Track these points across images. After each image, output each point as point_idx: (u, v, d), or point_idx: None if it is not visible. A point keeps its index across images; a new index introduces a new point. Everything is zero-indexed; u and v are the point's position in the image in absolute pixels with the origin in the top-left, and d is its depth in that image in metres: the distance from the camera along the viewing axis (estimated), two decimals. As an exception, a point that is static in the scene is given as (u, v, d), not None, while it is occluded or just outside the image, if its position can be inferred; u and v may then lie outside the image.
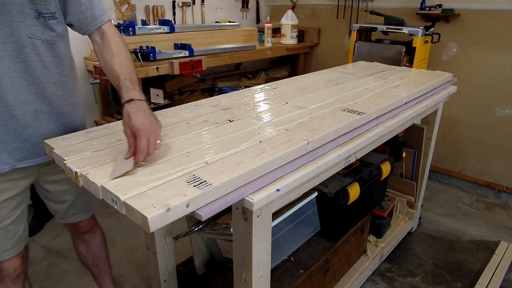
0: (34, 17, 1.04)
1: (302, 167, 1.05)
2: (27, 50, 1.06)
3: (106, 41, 1.13)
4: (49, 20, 1.07)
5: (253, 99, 1.51)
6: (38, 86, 1.11)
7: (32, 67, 1.09)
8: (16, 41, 1.03)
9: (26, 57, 1.07)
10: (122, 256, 2.18)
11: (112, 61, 1.10)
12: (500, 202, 2.82)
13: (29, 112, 1.11)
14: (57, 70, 1.16)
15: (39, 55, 1.09)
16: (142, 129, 0.92)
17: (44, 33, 1.08)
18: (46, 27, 1.08)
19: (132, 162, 0.91)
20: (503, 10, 2.54)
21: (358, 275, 1.82)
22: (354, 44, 2.88)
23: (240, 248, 1.03)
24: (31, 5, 1.02)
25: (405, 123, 1.65)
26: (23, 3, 1.01)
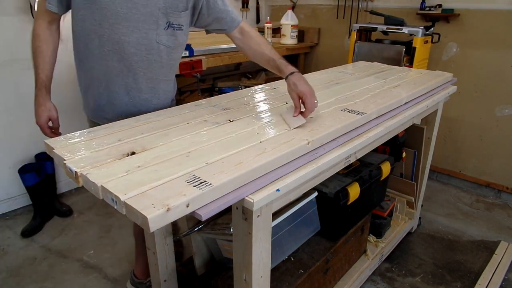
0: (164, 28, 1.30)
1: (302, 167, 1.05)
2: (153, 51, 1.32)
3: (248, 35, 1.43)
4: (176, 30, 1.33)
5: (253, 99, 1.51)
6: (153, 81, 1.39)
7: (153, 65, 1.35)
8: (147, 44, 1.30)
9: (151, 57, 1.33)
10: (122, 256, 2.18)
11: (261, 48, 1.38)
12: (500, 202, 2.82)
13: (141, 98, 1.40)
14: (169, 71, 1.44)
15: (161, 57, 1.35)
16: (307, 93, 1.19)
17: (168, 41, 1.33)
18: (172, 36, 1.33)
19: (302, 118, 1.18)
20: (503, 10, 2.54)
21: (358, 275, 1.82)
22: (354, 44, 2.88)
23: (240, 248, 1.03)
24: (165, 18, 1.29)
25: (405, 123, 1.65)
26: (159, 16, 1.27)
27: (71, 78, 2.75)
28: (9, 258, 2.16)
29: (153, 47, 1.31)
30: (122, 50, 1.28)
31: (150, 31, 1.28)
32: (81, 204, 2.73)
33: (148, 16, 1.25)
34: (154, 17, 1.26)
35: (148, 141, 1.08)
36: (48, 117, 1.41)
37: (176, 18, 1.31)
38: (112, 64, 1.30)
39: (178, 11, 1.30)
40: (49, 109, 1.41)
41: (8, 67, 2.40)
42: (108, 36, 1.26)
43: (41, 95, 1.37)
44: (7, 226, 2.48)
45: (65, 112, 2.77)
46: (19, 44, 2.41)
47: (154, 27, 1.28)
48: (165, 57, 1.36)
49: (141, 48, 1.29)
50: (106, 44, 1.27)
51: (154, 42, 1.30)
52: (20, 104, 2.50)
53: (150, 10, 1.25)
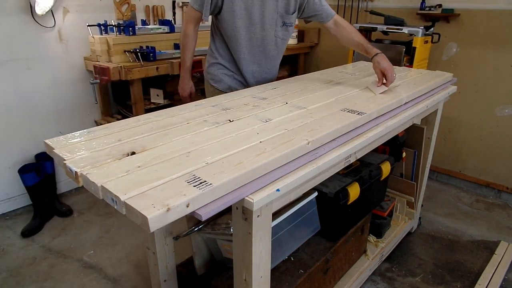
0: (280, 26, 1.82)
1: (302, 167, 1.05)
2: (272, 43, 1.86)
3: (341, 25, 1.85)
4: (288, 27, 1.85)
5: (253, 99, 1.51)
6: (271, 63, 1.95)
7: (271, 54, 1.90)
8: (269, 38, 1.83)
9: (270, 47, 1.87)
10: (122, 256, 2.18)
11: (352, 35, 1.83)
12: (500, 202, 2.82)
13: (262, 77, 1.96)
14: (280, 56, 1.98)
15: (277, 47, 1.89)
16: (388, 69, 1.61)
17: (284, 35, 1.87)
18: (285, 31, 1.86)
19: (384, 87, 1.62)
20: (503, 10, 2.54)
21: (358, 275, 1.82)
22: (354, 44, 2.87)
23: (240, 248, 1.03)
24: (281, 19, 1.80)
25: (405, 123, 1.65)
26: (277, 19, 1.79)
27: (71, 78, 2.75)
28: (9, 258, 2.16)
29: (272, 40, 1.85)
30: (251, 44, 1.82)
31: (271, 29, 1.81)
32: (81, 204, 2.73)
33: (270, 19, 1.78)
34: (274, 20, 1.79)
35: (148, 141, 1.08)
36: (190, 91, 2.07)
37: (289, 18, 1.82)
38: (243, 57, 1.85)
39: (289, 14, 1.81)
40: (191, 86, 2.07)
41: (8, 67, 2.40)
42: (243, 36, 1.79)
43: (186, 76, 2.02)
44: (7, 226, 2.48)
45: (65, 112, 2.78)
46: (19, 44, 2.41)
47: (273, 26, 1.81)
48: (280, 46, 1.91)
49: (264, 42, 1.84)
50: (241, 42, 1.80)
51: (273, 36, 1.84)
52: (20, 104, 2.50)
53: (272, 15, 1.77)
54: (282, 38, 1.86)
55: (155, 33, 2.74)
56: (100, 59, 2.55)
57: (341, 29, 1.84)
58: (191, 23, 1.84)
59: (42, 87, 2.58)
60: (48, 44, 2.54)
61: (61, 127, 2.71)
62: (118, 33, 2.59)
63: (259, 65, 1.90)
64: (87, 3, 2.68)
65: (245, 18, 1.74)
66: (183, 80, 2.03)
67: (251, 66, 1.88)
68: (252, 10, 1.72)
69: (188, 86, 2.05)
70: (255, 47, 1.83)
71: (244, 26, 1.76)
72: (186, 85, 2.05)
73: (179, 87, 2.06)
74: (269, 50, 1.87)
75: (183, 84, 2.04)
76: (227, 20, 1.74)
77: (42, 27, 2.48)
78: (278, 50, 1.91)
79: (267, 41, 1.83)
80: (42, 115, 2.62)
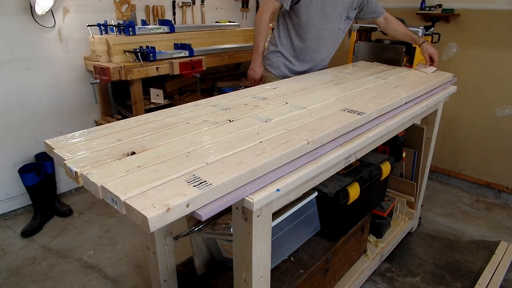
0: (344, 19, 2.08)
1: (302, 167, 1.05)
2: (335, 34, 2.12)
3: (390, 20, 2.20)
4: (350, 20, 2.12)
5: (253, 99, 1.51)
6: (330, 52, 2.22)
7: (334, 43, 2.17)
8: (334, 30, 2.09)
9: (334, 38, 2.14)
10: (122, 256, 2.18)
11: (401, 28, 2.19)
12: (500, 202, 2.82)
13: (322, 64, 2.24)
14: (337, 46, 2.22)
15: (338, 38, 2.16)
16: (435, 53, 2.07)
17: (344, 28, 2.14)
18: (347, 24, 2.14)
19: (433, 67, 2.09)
20: (503, 10, 2.54)
21: (358, 275, 1.82)
22: (354, 44, 2.88)
23: (240, 248, 1.03)
24: (345, 13, 2.06)
25: (405, 123, 1.65)
26: (342, 13, 2.05)
27: (71, 78, 2.75)
28: (9, 258, 2.16)
29: (336, 32, 2.10)
30: (320, 34, 2.06)
31: (337, 21, 2.06)
32: (81, 204, 2.73)
33: (338, 12, 2.04)
34: (340, 13, 2.04)
35: (148, 141, 1.08)
36: (261, 73, 2.17)
37: (351, 13, 2.09)
38: (310, 44, 2.09)
39: (352, 9, 2.08)
40: (262, 69, 2.17)
41: (8, 67, 2.40)
42: (315, 26, 2.03)
43: (259, 59, 2.13)
44: (7, 226, 2.48)
45: (65, 112, 2.78)
46: (19, 44, 2.41)
47: (338, 19, 2.06)
48: (340, 37, 2.17)
49: (330, 33, 2.08)
50: (312, 31, 2.04)
51: (337, 28, 2.09)
52: (20, 104, 2.50)
53: (340, 9, 2.04)
54: (343, 30, 2.14)
55: (155, 33, 2.74)
56: (100, 59, 2.55)
57: (392, 23, 2.19)
58: (268, 12, 2.03)
59: (42, 87, 2.58)
60: (48, 44, 2.54)
61: (61, 127, 2.71)
62: (118, 33, 2.59)
63: (321, 53, 2.14)
64: (87, 3, 2.68)
65: (319, 10, 1.99)
66: (255, 63, 2.13)
67: (314, 54, 2.13)
68: (326, 3, 1.99)
69: (260, 69, 2.16)
70: (322, 37, 2.07)
71: (317, 17, 2.00)
72: (259, 68, 2.15)
73: (250, 71, 2.16)
74: (332, 40, 2.13)
75: (256, 67, 2.14)
76: (303, 9, 1.99)
77: (42, 27, 2.48)
78: (337, 41, 2.18)
79: (332, 32, 2.09)
80: (42, 115, 2.62)
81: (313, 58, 2.15)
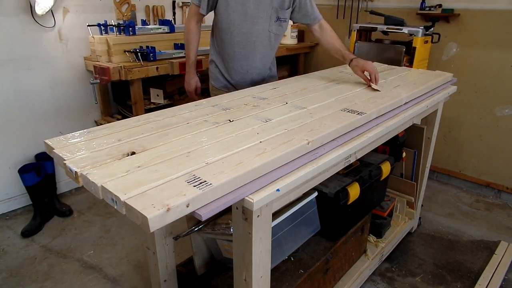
0: (274, 21, 1.85)
1: (302, 167, 1.05)
2: (266, 38, 1.88)
3: (325, 30, 1.96)
4: (282, 22, 1.88)
5: (253, 99, 1.51)
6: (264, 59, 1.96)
7: (266, 48, 1.92)
8: (263, 33, 1.86)
9: (267, 43, 1.91)
10: (122, 256, 2.18)
11: (333, 41, 1.92)
12: (500, 202, 2.82)
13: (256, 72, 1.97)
14: (273, 51, 2.00)
15: (270, 42, 1.92)
16: (367, 66, 1.69)
17: (277, 30, 1.90)
18: (279, 26, 1.89)
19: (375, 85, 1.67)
20: (503, 10, 2.54)
21: (358, 275, 1.82)
22: (354, 44, 2.88)
23: (240, 248, 1.03)
24: (276, 14, 1.83)
25: (405, 123, 1.65)
26: (272, 14, 1.82)
27: (71, 78, 2.75)
28: (9, 258, 2.16)
29: (266, 35, 1.87)
30: (246, 39, 1.85)
31: (265, 24, 1.83)
32: (81, 204, 2.73)
33: (265, 13, 1.81)
34: (268, 14, 1.81)
35: (148, 141, 1.08)
36: (195, 86, 2.10)
37: (283, 14, 1.85)
38: (238, 51, 1.88)
39: (284, 9, 1.84)
40: (197, 80, 2.10)
41: (8, 67, 2.40)
42: (239, 30, 1.82)
43: (192, 71, 2.04)
44: (7, 226, 2.48)
45: (65, 112, 2.78)
46: (19, 44, 2.41)
47: (267, 21, 1.83)
48: (274, 41, 1.94)
49: (259, 37, 1.86)
50: (236, 36, 1.83)
51: (267, 31, 1.86)
52: (20, 104, 2.50)
53: (267, 9, 1.80)
54: (276, 33, 1.90)
55: (155, 33, 2.74)
56: (100, 59, 2.55)
57: (325, 33, 1.95)
58: (192, 18, 1.91)
59: (42, 87, 2.58)
60: (48, 44, 2.54)
61: (61, 127, 2.71)
62: (118, 33, 2.59)
63: (254, 61, 1.92)
64: (87, 3, 2.68)
65: (239, 12, 1.77)
66: (188, 75, 2.07)
67: (245, 62, 1.91)
68: (246, 4, 1.76)
69: (194, 80, 2.09)
70: (249, 42, 1.85)
71: (239, 20, 1.79)
72: (192, 79, 2.09)
73: (185, 83, 2.10)
74: (264, 45, 1.90)
75: (188, 79, 2.08)
76: (222, 12, 1.79)
77: (42, 27, 2.47)
78: (271, 45, 1.94)
79: (262, 36, 1.86)
80: (42, 115, 2.62)
81: (245, 66, 1.93)
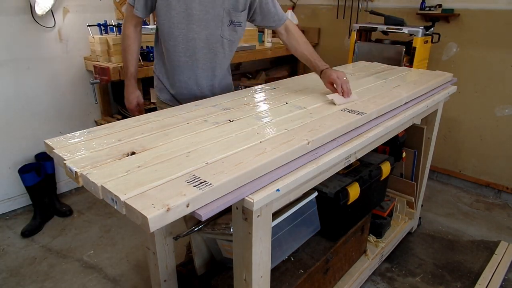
0: (227, 25, 1.56)
1: (302, 167, 1.05)
2: (217, 45, 1.58)
3: (291, 32, 1.66)
4: (237, 27, 1.58)
5: (253, 99, 1.51)
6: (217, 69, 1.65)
7: (220, 56, 1.62)
8: (213, 39, 1.56)
9: (218, 50, 1.60)
10: (122, 256, 2.18)
11: (301, 48, 1.64)
12: (500, 202, 2.82)
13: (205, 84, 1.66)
14: (228, 60, 1.69)
15: (224, 49, 1.61)
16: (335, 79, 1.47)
17: (231, 36, 1.60)
18: (233, 31, 1.59)
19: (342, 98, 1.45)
20: (503, 10, 2.54)
21: (358, 275, 1.82)
22: (354, 44, 2.88)
23: (240, 248, 1.03)
24: (228, 17, 1.54)
25: (405, 123, 1.65)
26: (223, 16, 1.53)
27: (71, 78, 2.75)
28: (9, 258, 2.16)
29: (218, 41, 1.58)
30: (194, 46, 1.55)
31: (216, 28, 1.55)
32: (81, 204, 2.73)
33: (215, 16, 1.52)
34: (220, 17, 1.53)
35: (148, 141, 1.08)
36: (137, 102, 1.74)
37: (237, 17, 1.56)
38: (184, 60, 1.58)
39: (238, 11, 1.55)
40: (138, 95, 1.74)
41: (8, 67, 2.40)
42: (183, 36, 1.53)
43: (131, 84, 1.69)
44: (7, 226, 2.48)
45: (65, 112, 2.78)
46: (19, 44, 2.41)
47: (219, 25, 1.54)
48: (228, 48, 1.63)
49: (209, 42, 1.56)
50: (180, 43, 1.54)
51: (219, 36, 1.57)
52: (20, 104, 2.50)
53: (217, 11, 1.51)
54: (230, 39, 1.60)
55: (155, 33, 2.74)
56: (100, 59, 2.55)
57: (291, 37, 1.66)
58: (129, 23, 1.60)
59: (42, 87, 2.58)
60: (48, 44, 2.54)
61: (61, 127, 2.71)
62: (118, 33, 2.58)
63: (203, 70, 1.62)
64: (87, 3, 2.68)
65: (183, 14, 1.48)
66: (127, 89, 1.71)
67: (192, 72, 1.61)
68: (191, 5, 1.47)
69: (134, 96, 1.72)
70: (198, 49, 1.56)
71: (183, 23, 1.50)
72: (131, 94, 1.71)
73: (124, 99, 1.75)
74: (215, 53, 1.60)
75: (128, 94, 1.72)
76: (162, 15, 1.50)
77: (42, 27, 2.47)
78: (225, 54, 1.63)
79: (212, 41, 1.56)
80: (42, 115, 2.62)
81: (193, 78, 1.62)
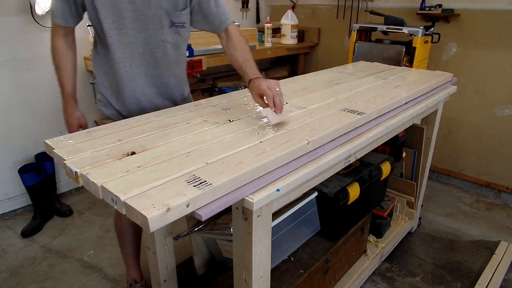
0: (168, 27, 1.38)
1: (302, 167, 1.05)
2: (159, 50, 1.41)
3: (230, 38, 1.46)
4: (179, 28, 1.42)
5: (253, 99, 1.51)
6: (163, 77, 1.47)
7: (161, 63, 1.44)
8: (153, 43, 1.39)
9: (157, 56, 1.42)
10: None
11: (236, 52, 1.42)
12: (500, 202, 2.82)
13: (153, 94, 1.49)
14: (177, 66, 1.51)
15: (167, 55, 1.43)
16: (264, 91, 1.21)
17: (175, 39, 1.43)
18: (176, 34, 1.42)
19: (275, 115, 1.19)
20: (503, 10, 2.54)
21: (358, 275, 1.82)
22: (354, 44, 2.88)
23: (240, 248, 1.03)
24: (168, 18, 1.37)
25: (405, 123, 1.65)
26: (162, 16, 1.35)
27: (71, 78, 2.74)
28: (9, 258, 2.16)
29: (160, 45, 1.40)
30: (131, 52, 1.38)
31: (156, 30, 1.37)
32: (81, 204, 2.73)
33: (152, 17, 1.34)
34: (158, 18, 1.35)
35: (148, 141, 1.08)
36: (78, 125, 1.49)
37: (178, 17, 1.39)
38: (124, 71, 1.40)
39: (179, 10, 1.38)
40: (79, 117, 1.49)
41: (8, 67, 2.40)
42: (118, 41, 1.34)
43: (69, 105, 1.46)
44: (7, 226, 2.48)
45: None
46: (19, 44, 2.41)
47: (158, 27, 1.37)
48: (174, 52, 1.45)
49: (149, 47, 1.39)
50: (116, 52, 1.36)
51: (160, 41, 1.40)
52: (20, 104, 2.50)
53: (153, 11, 1.33)
54: (174, 43, 1.43)
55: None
56: (100, 59, 2.54)
57: (230, 42, 1.45)
58: (57, 34, 1.39)
59: (42, 87, 2.58)
60: (48, 44, 2.52)
61: (61, 127, 2.69)
62: (118, 33, 2.58)
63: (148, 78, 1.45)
64: (87, 3, 2.67)
65: (113, 17, 1.30)
66: (66, 111, 1.47)
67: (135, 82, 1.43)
68: (119, 6, 1.28)
69: (75, 117, 1.47)
70: (135, 56, 1.38)
71: (115, 28, 1.31)
72: (71, 116, 1.47)
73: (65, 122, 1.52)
74: (158, 60, 1.43)
75: (67, 117, 1.48)
76: (92, 21, 1.33)
77: (42, 27, 2.47)
78: (170, 60, 1.45)
79: (153, 46, 1.39)
80: (42, 115, 2.62)
81: (139, 90, 1.44)
